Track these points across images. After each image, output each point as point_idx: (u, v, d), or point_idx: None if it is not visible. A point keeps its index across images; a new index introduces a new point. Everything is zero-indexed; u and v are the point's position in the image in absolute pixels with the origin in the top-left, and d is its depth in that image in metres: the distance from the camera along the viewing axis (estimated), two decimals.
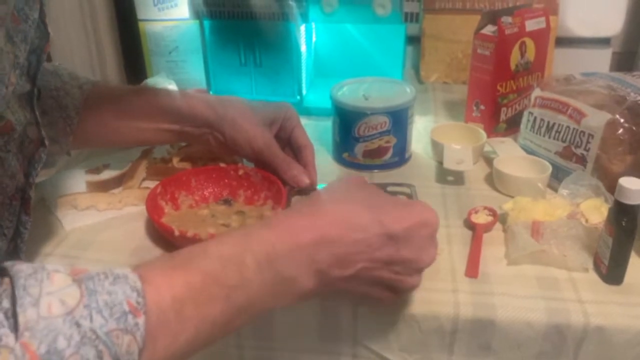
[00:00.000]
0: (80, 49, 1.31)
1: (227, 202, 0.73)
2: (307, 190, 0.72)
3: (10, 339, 0.32)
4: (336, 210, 0.49)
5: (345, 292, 0.50)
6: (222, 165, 0.75)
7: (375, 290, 0.51)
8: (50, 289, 0.34)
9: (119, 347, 0.35)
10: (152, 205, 0.67)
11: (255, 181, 0.73)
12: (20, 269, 0.35)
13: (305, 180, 0.72)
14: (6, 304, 0.33)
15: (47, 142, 0.58)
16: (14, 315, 0.32)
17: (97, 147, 0.84)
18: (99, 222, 0.71)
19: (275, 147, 0.73)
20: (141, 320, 0.36)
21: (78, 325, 0.33)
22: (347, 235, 0.47)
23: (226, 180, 0.74)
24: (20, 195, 0.56)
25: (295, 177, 0.72)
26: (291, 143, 0.78)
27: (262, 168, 0.73)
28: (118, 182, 0.78)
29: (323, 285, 0.47)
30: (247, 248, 0.44)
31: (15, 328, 0.32)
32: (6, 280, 0.35)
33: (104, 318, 0.35)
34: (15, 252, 0.57)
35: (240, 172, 0.74)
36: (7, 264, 0.35)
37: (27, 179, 0.57)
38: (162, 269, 0.41)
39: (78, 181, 0.78)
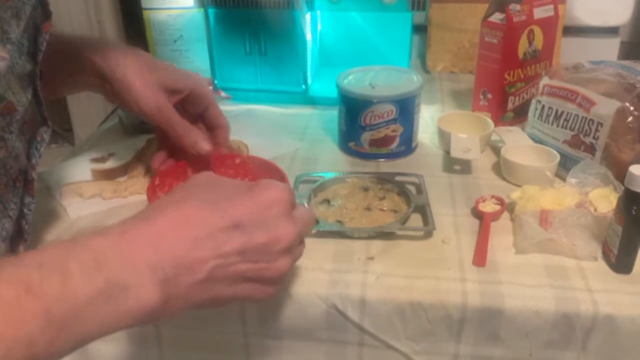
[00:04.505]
0: None
1: None
2: None
3: None
4: (172, 211, 0.43)
5: (211, 302, 0.44)
6: (222, 153, 0.74)
7: (243, 287, 0.45)
8: None
9: None
10: (154, 197, 0.67)
11: (253, 168, 0.72)
12: None
13: (206, 147, 0.69)
14: None
15: (50, 123, 0.57)
16: None
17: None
18: (104, 210, 0.71)
19: (170, 111, 0.68)
20: None
21: None
22: (186, 235, 0.42)
23: (222, 169, 0.73)
24: (23, 177, 0.56)
25: (196, 143, 0.69)
26: (205, 121, 0.74)
27: (164, 133, 0.70)
28: (123, 170, 0.78)
29: (171, 300, 0.41)
30: (70, 254, 0.38)
31: None
32: None
33: None
34: (19, 233, 0.57)
35: (237, 160, 0.73)
36: None
37: (29, 160, 0.57)
38: None
39: (83, 170, 0.78)
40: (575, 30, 1.16)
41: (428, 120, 0.93)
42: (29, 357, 0.34)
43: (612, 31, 1.20)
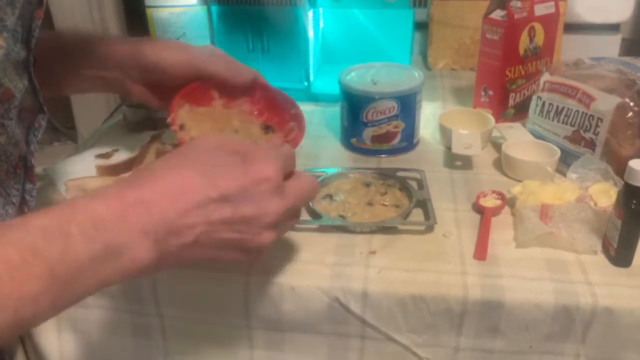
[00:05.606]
0: None
1: (267, 128, 0.72)
2: None
3: None
4: (167, 177, 0.46)
5: (193, 261, 0.48)
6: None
7: (226, 252, 0.49)
8: None
9: None
10: (199, 93, 0.68)
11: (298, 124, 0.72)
12: None
13: (250, 71, 0.72)
14: None
15: (46, 109, 0.58)
16: None
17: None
18: None
19: (221, 51, 0.70)
20: None
21: None
22: (178, 202, 0.45)
23: (281, 109, 0.73)
24: (23, 163, 0.57)
25: (241, 72, 0.71)
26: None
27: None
28: (128, 166, 0.78)
29: (164, 257, 0.45)
30: (71, 218, 0.40)
31: None
32: None
33: None
34: None
35: (292, 111, 0.73)
36: None
37: (28, 147, 0.58)
38: None
39: (88, 166, 0.78)
40: (576, 27, 1.17)
41: (429, 116, 0.93)
42: (34, 314, 0.38)
43: (613, 28, 1.20)
